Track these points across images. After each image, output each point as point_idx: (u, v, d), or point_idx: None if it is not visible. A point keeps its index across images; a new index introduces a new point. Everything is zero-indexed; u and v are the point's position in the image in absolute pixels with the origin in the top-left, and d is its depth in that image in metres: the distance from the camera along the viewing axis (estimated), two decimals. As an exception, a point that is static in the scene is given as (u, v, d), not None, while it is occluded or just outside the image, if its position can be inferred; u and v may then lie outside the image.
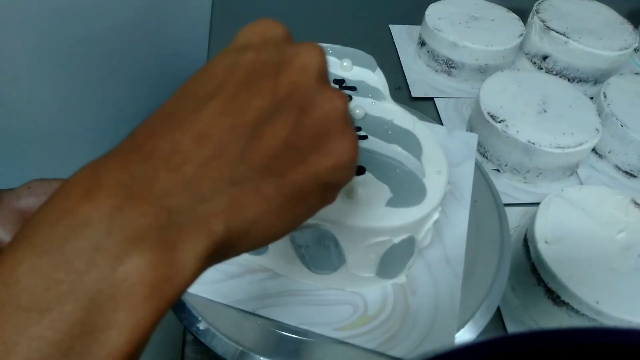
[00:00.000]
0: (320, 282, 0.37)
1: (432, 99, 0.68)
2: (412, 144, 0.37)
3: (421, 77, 0.70)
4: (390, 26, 0.80)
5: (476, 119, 0.58)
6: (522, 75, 0.61)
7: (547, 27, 0.67)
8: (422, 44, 0.71)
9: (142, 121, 0.20)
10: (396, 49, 0.76)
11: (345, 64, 0.41)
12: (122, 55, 0.97)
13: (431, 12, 0.70)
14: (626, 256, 0.43)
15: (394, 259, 0.36)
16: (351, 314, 0.36)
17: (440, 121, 0.64)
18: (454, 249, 0.40)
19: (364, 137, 0.36)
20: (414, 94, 0.67)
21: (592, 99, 0.61)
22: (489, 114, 0.55)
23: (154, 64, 1.02)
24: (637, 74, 0.68)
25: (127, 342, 0.15)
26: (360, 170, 0.34)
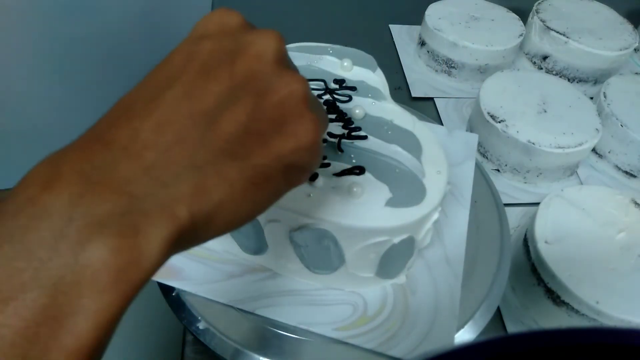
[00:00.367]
0: (319, 282, 0.37)
1: (432, 99, 0.68)
2: (412, 144, 0.36)
3: (421, 77, 0.70)
4: (390, 26, 0.80)
5: (476, 119, 0.58)
6: (522, 75, 0.61)
7: (547, 27, 0.67)
8: (422, 44, 0.71)
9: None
10: (396, 49, 0.76)
11: (345, 64, 0.41)
12: (121, 54, 0.97)
13: (431, 12, 0.70)
14: (626, 256, 0.43)
15: (393, 259, 0.36)
16: (351, 314, 0.36)
17: (440, 121, 0.64)
18: (453, 249, 0.40)
19: (364, 137, 0.36)
20: (414, 94, 0.67)
21: (592, 99, 0.61)
22: (489, 114, 0.55)
23: (153, 64, 1.02)
24: (637, 74, 0.68)
25: (93, 327, 0.15)
26: (360, 170, 0.34)
